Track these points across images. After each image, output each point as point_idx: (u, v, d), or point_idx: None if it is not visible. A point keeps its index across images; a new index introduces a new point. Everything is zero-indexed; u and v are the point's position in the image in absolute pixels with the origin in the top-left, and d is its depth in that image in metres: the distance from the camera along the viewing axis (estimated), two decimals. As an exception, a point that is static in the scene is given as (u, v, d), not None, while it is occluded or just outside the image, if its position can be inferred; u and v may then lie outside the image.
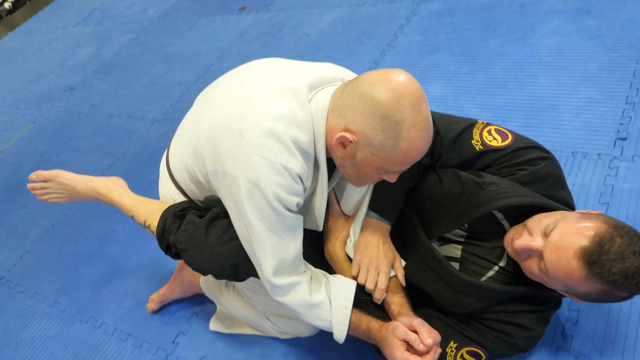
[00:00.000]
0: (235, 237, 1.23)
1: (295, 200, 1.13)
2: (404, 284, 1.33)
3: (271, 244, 1.14)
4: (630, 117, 1.77)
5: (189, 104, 1.44)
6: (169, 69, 3.32)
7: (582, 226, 1.04)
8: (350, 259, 1.37)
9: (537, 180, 1.21)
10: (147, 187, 2.42)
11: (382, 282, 1.29)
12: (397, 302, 1.30)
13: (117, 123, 3.02)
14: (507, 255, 1.24)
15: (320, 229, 1.32)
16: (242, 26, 3.44)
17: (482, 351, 1.26)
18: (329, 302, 1.25)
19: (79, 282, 2.11)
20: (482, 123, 1.28)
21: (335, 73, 1.22)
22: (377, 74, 1.04)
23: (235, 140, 1.09)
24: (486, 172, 1.25)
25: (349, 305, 1.25)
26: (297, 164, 1.10)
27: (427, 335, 1.15)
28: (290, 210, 1.13)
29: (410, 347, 1.18)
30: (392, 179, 1.15)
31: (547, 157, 1.24)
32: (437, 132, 1.27)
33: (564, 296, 1.19)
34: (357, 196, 1.38)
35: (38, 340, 1.95)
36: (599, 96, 1.90)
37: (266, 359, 1.57)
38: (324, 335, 1.47)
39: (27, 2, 5.71)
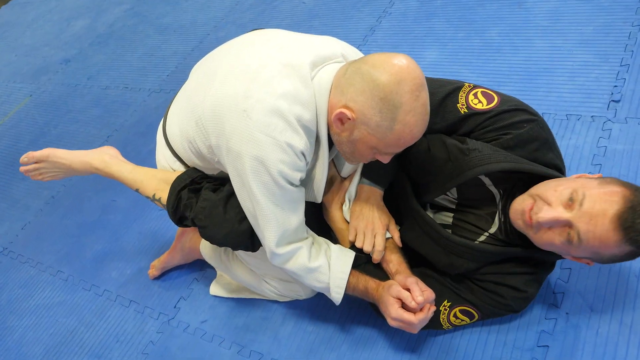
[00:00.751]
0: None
1: (298, 176, 1.16)
2: (400, 244, 1.36)
3: (274, 217, 1.18)
4: (625, 79, 1.78)
5: (185, 74, 1.45)
6: (164, 39, 3.30)
7: (609, 191, 1.04)
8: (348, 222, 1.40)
9: (522, 144, 1.20)
10: (145, 157, 2.44)
11: (379, 244, 1.32)
12: (395, 261, 1.33)
13: (114, 94, 3.01)
14: (498, 222, 1.26)
15: (319, 201, 1.35)
16: (237, -5, 3.41)
17: (475, 311, 1.30)
18: (327, 266, 1.29)
19: (81, 252, 2.14)
20: (469, 86, 1.27)
21: (335, 49, 1.24)
22: (382, 57, 1.07)
23: (241, 118, 1.11)
24: (471, 136, 1.25)
25: (346, 270, 1.30)
26: (301, 142, 1.12)
27: (419, 293, 1.18)
28: (293, 184, 1.17)
29: (405, 305, 1.21)
30: (385, 159, 1.18)
31: (532, 119, 1.21)
32: None
33: (561, 259, 1.22)
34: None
35: (42, 308, 1.99)
36: (594, 59, 1.90)
37: (266, 321, 1.61)
38: (322, 297, 1.51)
39: (20, -26, 5.63)
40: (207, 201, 1.31)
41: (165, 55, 3.16)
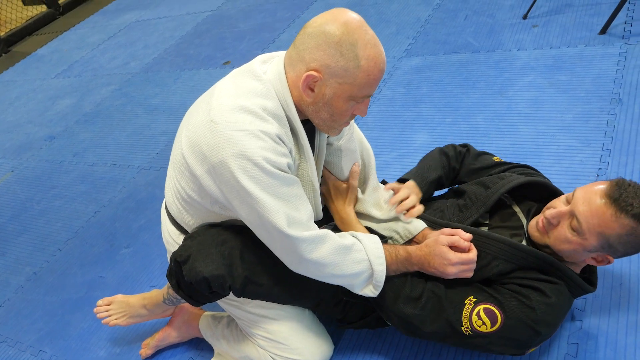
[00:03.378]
0: (228, 239, 1.31)
1: (284, 161, 1.18)
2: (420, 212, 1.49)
3: (277, 207, 1.17)
4: (608, 162, 1.89)
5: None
6: (153, 119, 3.36)
7: (595, 183, 1.26)
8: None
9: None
10: (135, 233, 2.41)
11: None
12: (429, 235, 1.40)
13: (102, 171, 3.01)
14: (526, 241, 1.38)
15: (320, 212, 1.42)
16: (226, 79, 3.52)
17: (499, 311, 1.29)
18: (359, 242, 1.30)
19: (65, 330, 2.05)
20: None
21: (276, 53, 1.32)
22: (320, 17, 1.16)
23: (211, 130, 1.15)
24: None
25: (376, 240, 1.33)
26: (273, 127, 1.17)
27: (463, 232, 1.31)
28: (282, 170, 1.18)
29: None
30: (363, 111, 1.24)
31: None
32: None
33: (581, 278, 1.33)
34: (350, 163, 1.48)
35: (22, 391, 1.87)
36: (576, 144, 2.03)
37: (267, 401, 1.55)
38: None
39: (3, 54, 5.72)
40: (187, 239, 1.36)
41: (154, 134, 3.20)
